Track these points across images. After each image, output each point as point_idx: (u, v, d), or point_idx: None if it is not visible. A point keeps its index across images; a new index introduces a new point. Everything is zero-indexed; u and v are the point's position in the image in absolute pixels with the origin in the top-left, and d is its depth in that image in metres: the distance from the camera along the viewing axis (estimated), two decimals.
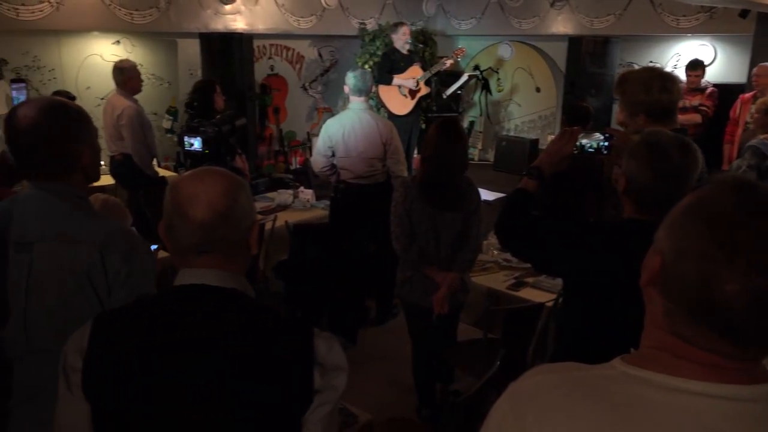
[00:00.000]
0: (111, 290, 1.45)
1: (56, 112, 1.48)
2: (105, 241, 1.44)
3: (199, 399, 1.04)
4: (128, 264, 1.45)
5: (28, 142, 1.46)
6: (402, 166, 4.11)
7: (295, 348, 1.07)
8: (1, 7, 4.97)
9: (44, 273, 1.44)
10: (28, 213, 1.47)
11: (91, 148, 1.55)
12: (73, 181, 1.52)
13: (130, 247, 1.47)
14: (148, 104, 5.83)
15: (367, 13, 7.72)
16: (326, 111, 8.19)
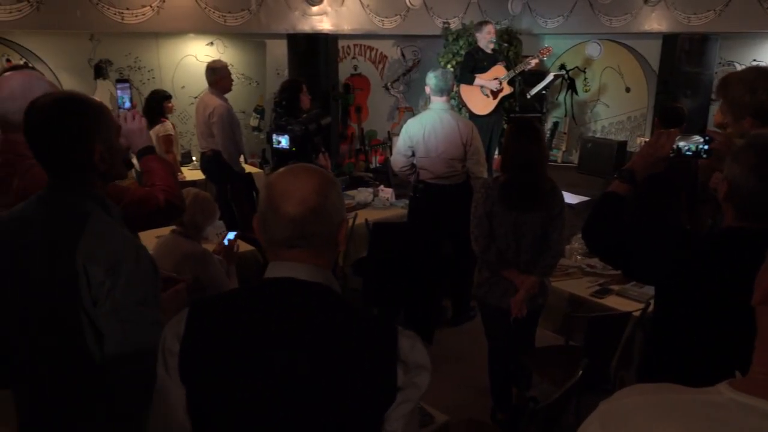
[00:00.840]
0: (96, 301, 1.41)
1: (68, 105, 1.49)
2: (90, 253, 1.40)
3: (284, 389, 1.06)
4: (111, 277, 1.40)
5: (38, 136, 1.48)
6: (482, 167, 4.06)
7: (379, 344, 1.09)
8: (108, 11, 5.32)
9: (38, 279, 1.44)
10: (32, 215, 1.49)
11: (104, 145, 1.51)
12: (86, 180, 1.50)
13: (117, 259, 1.41)
14: (237, 103, 6.07)
15: (451, 13, 7.68)
16: (407, 110, 8.21)
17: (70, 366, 1.47)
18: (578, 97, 8.09)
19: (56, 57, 5.57)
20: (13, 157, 1.88)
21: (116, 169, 1.57)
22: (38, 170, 1.84)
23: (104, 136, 1.51)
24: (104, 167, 1.51)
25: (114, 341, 1.42)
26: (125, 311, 1.42)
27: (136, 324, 1.42)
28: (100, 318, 1.41)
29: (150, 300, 1.46)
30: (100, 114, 1.52)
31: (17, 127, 1.88)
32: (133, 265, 1.43)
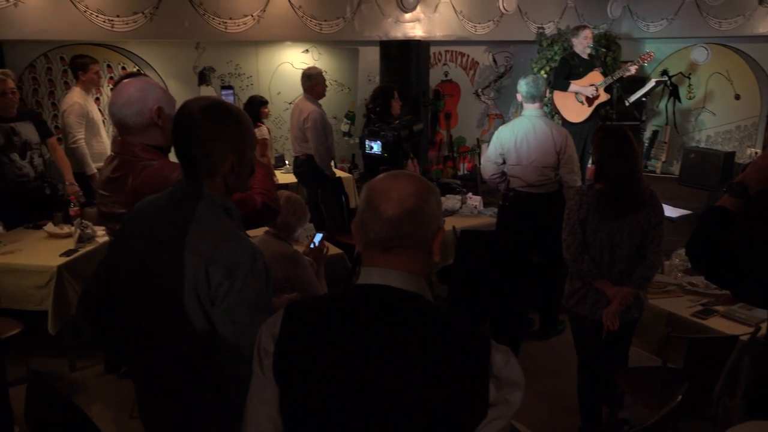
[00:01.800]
0: (214, 301, 1.45)
1: (216, 112, 1.53)
2: (212, 255, 1.45)
3: (373, 397, 1.07)
4: (229, 279, 1.44)
5: (183, 135, 1.53)
6: (576, 176, 3.93)
7: (471, 358, 1.07)
8: (213, 21, 5.62)
9: (166, 274, 1.50)
10: (167, 213, 1.57)
11: (237, 155, 1.54)
12: (214, 184, 1.54)
13: (236, 261, 1.45)
14: (330, 109, 6.23)
15: (546, 17, 7.51)
16: (497, 117, 8.11)
17: (186, 361, 1.54)
18: (681, 104, 7.66)
19: (165, 64, 5.95)
20: (129, 158, 2.01)
21: (241, 180, 1.60)
22: (151, 171, 1.97)
23: (239, 147, 1.55)
24: (231, 178, 1.55)
25: (226, 342, 1.48)
26: (238, 313, 1.46)
27: (247, 327, 1.45)
28: (216, 318, 1.46)
29: (262, 304, 1.49)
30: (241, 126, 1.57)
31: (134, 131, 2.02)
32: (249, 269, 1.46)
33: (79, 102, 4.59)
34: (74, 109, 4.53)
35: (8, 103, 3.99)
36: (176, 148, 1.57)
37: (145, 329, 1.60)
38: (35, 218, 4.00)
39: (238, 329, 1.46)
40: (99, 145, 4.77)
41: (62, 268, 3.41)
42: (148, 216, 1.61)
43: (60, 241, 3.73)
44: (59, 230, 3.83)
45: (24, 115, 4.15)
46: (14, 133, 4.06)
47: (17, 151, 4.08)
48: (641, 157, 2.87)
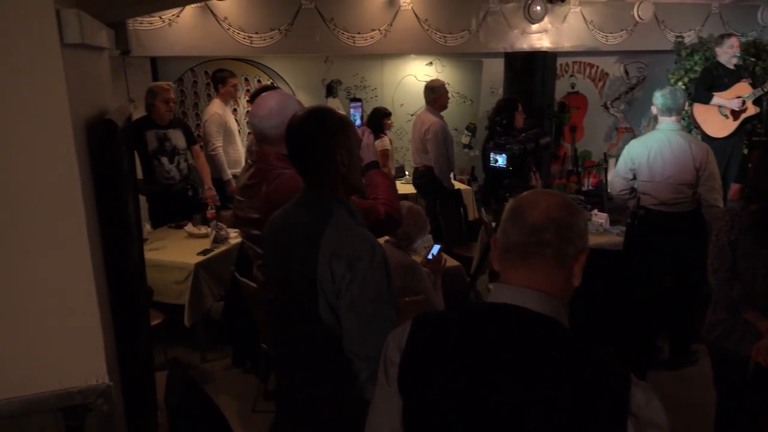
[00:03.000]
0: (339, 294, 1.52)
1: (318, 114, 1.66)
2: (335, 250, 1.53)
3: (499, 422, 1.03)
4: (351, 271, 1.50)
5: (294, 141, 1.65)
6: (717, 195, 3.62)
7: (609, 393, 1.00)
8: (342, 36, 5.85)
9: (298, 272, 1.61)
10: (294, 217, 1.69)
11: (346, 152, 1.64)
12: (332, 184, 1.65)
13: (357, 254, 1.52)
14: (451, 120, 6.22)
15: (686, 26, 7.03)
16: (627, 131, 7.70)
17: (317, 353, 1.63)
18: None
19: (296, 77, 6.27)
20: (265, 166, 2.14)
21: (355, 177, 1.71)
22: (284, 179, 2.08)
23: (345, 143, 1.66)
24: (344, 170, 1.64)
25: (351, 333, 1.54)
26: (362, 305, 1.52)
27: (370, 318, 1.52)
28: (341, 311, 1.53)
29: (384, 296, 1.55)
30: (343, 124, 1.68)
31: (272, 141, 2.15)
32: (369, 261, 1.52)
33: (218, 113, 4.95)
34: (214, 119, 4.90)
35: (168, 111, 4.45)
36: (291, 157, 1.69)
37: (285, 326, 1.71)
38: (178, 218, 4.36)
39: (362, 320, 1.51)
40: (234, 152, 5.11)
41: (199, 266, 3.68)
42: (280, 222, 1.73)
43: (198, 240, 4.04)
44: (197, 231, 4.14)
45: (175, 123, 4.58)
46: (166, 139, 4.49)
47: (167, 156, 4.50)
48: None
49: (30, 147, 0.94)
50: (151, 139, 4.44)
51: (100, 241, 1.14)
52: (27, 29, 0.91)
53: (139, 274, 1.70)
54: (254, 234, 2.21)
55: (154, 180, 4.50)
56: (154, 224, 4.51)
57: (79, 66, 1.12)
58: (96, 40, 1.20)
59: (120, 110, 1.54)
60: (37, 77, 0.92)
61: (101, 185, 1.16)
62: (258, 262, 2.29)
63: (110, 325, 1.15)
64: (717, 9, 7.13)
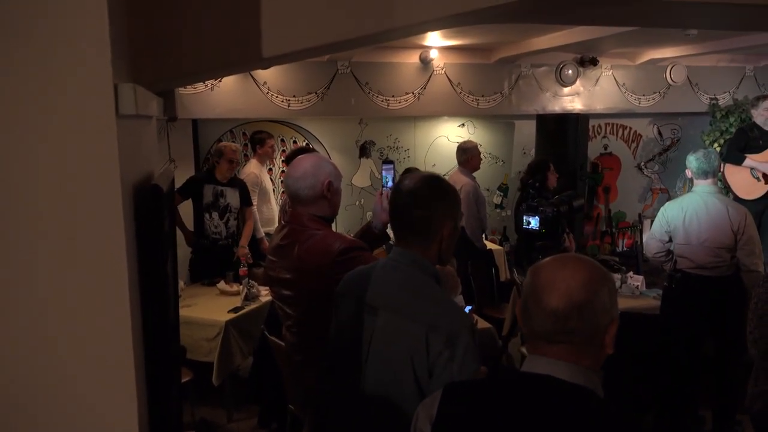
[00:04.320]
0: (432, 371, 1.41)
1: (431, 180, 1.62)
2: (433, 321, 1.43)
3: None
4: (450, 347, 1.40)
5: (403, 201, 1.59)
6: (757, 259, 3.53)
7: None
8: (377, 99, 6.03)
9: (381, 341, 1.53)
10: (382, 278, 1.62)
11: (453, 223, 1.59)
12: (429, 251, 1.58)
13: (456, 329, 1.41)
14: (483, 180, 6.27)
15: (720, 88, 7.04)
16: (662, 192, 7.62)
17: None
18: None
19: (331, 138, 6.44)
20: (298, 227, 2.18)
21: (452, 248, 1.64)
22: (315, 241, 2.11)
23: (454, 215, 1.60)
24: (445, 245, 1.58)
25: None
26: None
27: None
28: (434, 389, 1.34)
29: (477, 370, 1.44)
30: (455, 196, 1.64)
31: (306, 202, 2.20)
32: (469, 338, 1.42)
33: (255, 172, 5.10)
34: (250, 178, 5.04)
35: (230, 170, 4.67)
36: (397, 215, 1.62)
37: (354, 391, 1.59)
38: (220, 272, 4.44)
39: None
40: (268, 211, 5.22)
41: (229, 323, 3.71)
42: (356, 282, 1.67)
43: (229, 298, 4.09)
44: (229, 288, 4.20)
45: (233, 182, 4.76)
46: (221, 195, 4.68)
47: (218, 211, 4.68)
48: None
49: (83, 212, 0.99)
50: (208, 194, 4.62)
51: (139, 301, 1.18)
52: (87, 101, 0.98)
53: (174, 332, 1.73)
54: (285, 294, 2.23)
55: (203, 233, 4.66)
56: (195, 276, 4.64)
57: (130, 134, 1.19)
58: (147, 109, 1.28)
59: (165, 173, 1.62)
60: (93, 147, 0.99)
61: (144, 247, 1.21)
62: (287, 323, 2.30)
63: (144, 386, 1.17)
64: (751, 71, 7.13)
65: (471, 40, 5.71)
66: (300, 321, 2.22)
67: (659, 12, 1.68)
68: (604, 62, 6.62)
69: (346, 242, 2.09)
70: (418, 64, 6.11)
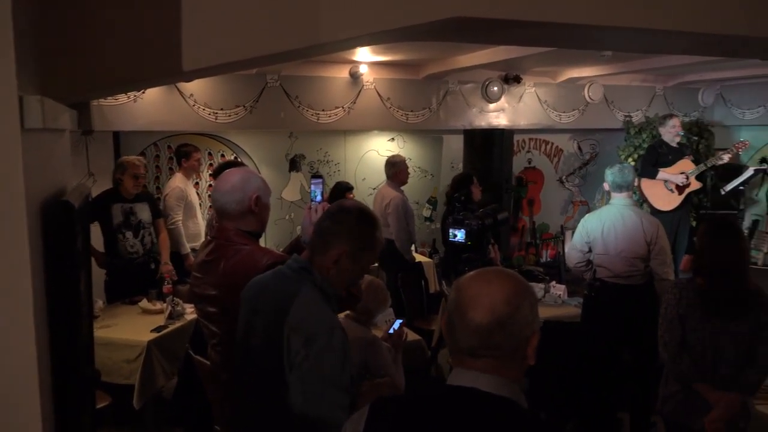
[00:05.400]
0: (291, 368, 1.54)
1: (359, 207, 1.77)
2: (295, 323, 1.56)
3: None
4: (306, 347, 1.52)
5: (327, 212, 1.75)
6: (668, 268, 3.75)
7: None
8: (307, 112, 6.01)
9: (259, 341, 1.65)
10: (268, 283, 1.75)
11: (348, 251, 1.67)
12: (323, 263, 1.68)
13: (314, 332, 1.53)
14: (412, 194, 6.35)
15: (633, 106, 7.46)
16: (582, 204, 7.96)
17: (270, 419, 1.63)
18: None
19: (260, 152, 6.35)
20: (224, 242, 2.13)
21: (342, 278, 1.71)
22: (242, 256, 2.08)
23: (356, 247, 1.68)
24: (334, 269, 1.67)
25: (296, 409, 1.52)
26: (310, 383, 1.51)
27: (317, 399, 1.49)
28: (290, 385, 1.53)
29: (336, 380, 1.52)
30: (367, 238, 1.71)
31: (232, 216, 2.16)
32: (326, 342, 1.52)
33: (180, 186, 4.95)
34: (175, 192, 4.89)
35: (136, 186, 4.44)
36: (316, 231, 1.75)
37: (246, 396, 1.74)
38: (140, 290, 4.25)
39: (308, 400, 1.49)
40: (194, 226, 5.08)
41: (151, 343, 3.56)
42: (252, 288, 1.78)
43: (152, 317, 3.93)
44: (152, 306, 4.04)
45: (141, 197, 4.55)
46: (132, 213, 4.47)
47: (131, 230, 4.46)
48: (749, 252, 2.69)
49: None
50: (117, 213, 4.40)
51: (47, 322, 1.12)
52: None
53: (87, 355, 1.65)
54: (210, 311, 2.17)
55: (117, 253, 4.42)
56: (112, 298, 4.39)
57: (38, 149, 1.13)
58: (58, 123, 1.22)
59: (79, 188, 1.55)
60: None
61: (53, 265, 1.15)
62: (213, 341, 2.24)
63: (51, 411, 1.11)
64: (661, 91, 7.60)
65: (400, 56, 5.80)
66: (226, 339, 2.17)
67: (571, 34, 1.77)
68: (527, 80, 6.87)
69: (274, 257, 2.06)
70: (348, 78, 6.14)
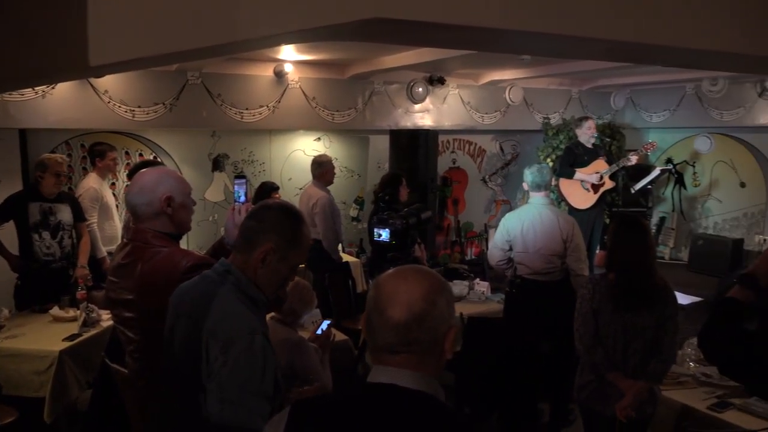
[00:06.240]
0: (209, 374, 1.49)
1: (283, 204, 1.75)
2: (213, 328, 1.52)
3: None
4: (224, 353, 1.47)
5: (251, 212, 1.71)
6: (583, 265, 3.92)
7: None
8: (230, 111, 5.87)
9: (181, 346, 1.62)
10: (192, 286, 1.69)
11: (274, 248, 1.62)
12: (248, 264, 1.63)
13: (232, 337, 1.49)
14: (339, 194, 6.34)
15: (551, 108, 7.76)
16: (504, 203, 8.21)
17: (189, 428, 1.59)
18: (687, 191, 7.75)
19: (181, 151, 6.15)
20: (141, 244, 2.05)
21: (268, 279, 1.64)
22: (160, 258, 2.00)
23: (282, 244, 1.63)
24: (260, 267, 1.62)
25: (212, 419, 1.47)
26: (228, 391, 1.46)
27: (236, 407, 1.45)
28: (208, 393, 1.48)
29: (256, 387, 1.48)
30: (294, 235, 1.66)
31: (145, 218, 2.08)
32: (245, 348, 1.47)
33: (94, 187, 4.72)
34: (89, 193, 4.66)
35: (57, 185, 4.21)
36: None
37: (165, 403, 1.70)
38: (55, 297, 4.02)
39: (226, 408, 1.45)
40: (111, 228, 4.86)
41: (64, 353, 3.37)
42: (178, 293, 1.72)
43: (65, 324, 3.73)
44: (64, 314, 3.83)
45: (63, 197, 4.32)
46: (51, 213, 4.23)
47: (49, 230, 4.22)
48: (655, 248, 2.85)
49: None
50: (34, 212, 4.15)
51: None
52: None
53: None
54: (126, 316, 2.08)
55: (32, 256, 4.17)
56: (22, 305, 4.13)
57: None
58: None
59: None
60: None
61: None
62: (130, 348, 2.15)
63: None
64: (577, 94, 7.95)
65: (325, 55, 5.77)
66: (143, 345, 2.09)
67: (489, 38, 1.82)
68: (451, 82, 7.01)
69: (194, 259, 2.00)
70: (273, 77, 6.05)
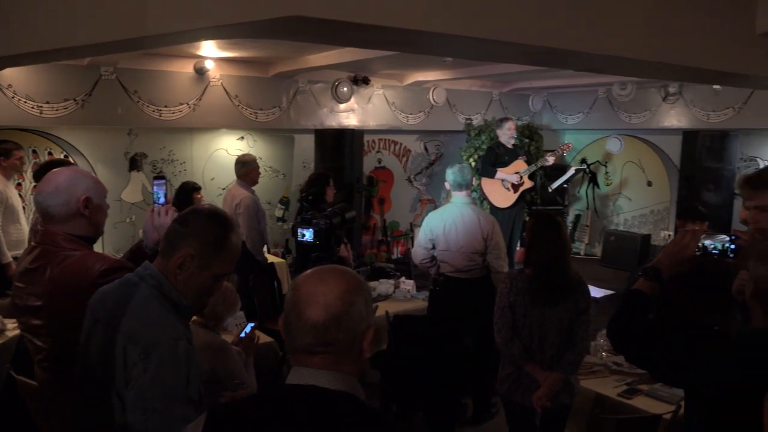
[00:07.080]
0: (128, 382, 1.44)
1: (211, 210, 1.68)
2: (133, 333, 1.46)
3: None
4: (144, 360, 1.42)
5: (178, 220, 1.66)
6: (503, 262, 4.05)
7: None
8: (147, 108, 5.65)
9: (97, 352, 1.56)
10: (111, 290, 1.63)
11: (195, 254, 1.58)
12: (168, 266, 1.59)
13: (153, 342, 1.44)
14: (264, 194, 6.25)
15: (473, 109, 7.96)
16: (429, 202, 8.35)
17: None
18: (600, 190, 8.17)
19: (94, 150, 5.87)
20: (51, 248, 1.94)
21: (188, 286, 1.59)
22: (72, 261, 1.90)
23: (203, 251, 1.57)
24: (179, 272, 1.57)
25: (136, 427, 1.41)
26: (150, 399, 1.41)
27: (159, 415, 1.40)
28: (127, 402, 1.42)
29: (179, 393, 1.43)
30: (218, 245, 1.60)
31: (58, 220, 1.97)
32: (167, 353, 1.43)
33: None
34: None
35: None
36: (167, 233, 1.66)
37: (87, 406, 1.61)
38: None
39: (149, 417, 1.39)
40: (17, 232, 4.56)
41: None
42: (97, 297, 1.65)
43: None
44: None
45: None
46: None
47: None
48: (569, 243, 2.99)
49: None
50: None
51: None
52: None
53: None
54: (34, 324, 1.97)
55: None
56: None
57: None
58: None
59: None
60: None
61: None
62: (38, 357, 2.03)
63: None
64: (497, 96, 8.20)
65: (247, 53, 5.66)
66: (54, 354, 1.98)
67: (409, 39, 1.85)
68: (376, 82, 7.06)
69: (108, 262, 1.91)
70: (193, 74, 5.88)
